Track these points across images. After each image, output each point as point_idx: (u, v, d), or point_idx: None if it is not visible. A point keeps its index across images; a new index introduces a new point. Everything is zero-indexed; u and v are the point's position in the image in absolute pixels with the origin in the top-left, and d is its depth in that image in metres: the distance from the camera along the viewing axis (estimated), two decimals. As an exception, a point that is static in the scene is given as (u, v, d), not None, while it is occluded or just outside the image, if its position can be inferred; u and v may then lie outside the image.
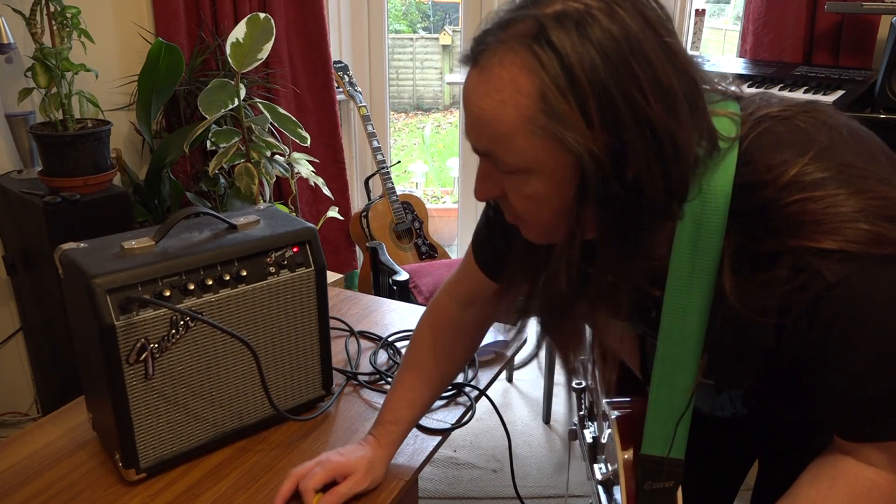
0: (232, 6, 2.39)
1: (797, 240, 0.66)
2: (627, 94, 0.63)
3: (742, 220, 0.70)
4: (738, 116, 0.73)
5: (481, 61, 0.68)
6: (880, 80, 1.97)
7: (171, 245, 1.01)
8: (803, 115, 0.73)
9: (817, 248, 0.65)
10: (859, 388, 0.70)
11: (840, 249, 0.65)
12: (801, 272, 0.66)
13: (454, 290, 1.08)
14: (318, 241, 1.11)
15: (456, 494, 2.07)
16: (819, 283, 0.66)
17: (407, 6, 7.05)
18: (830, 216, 0.65)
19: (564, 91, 0.64)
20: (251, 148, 2.19)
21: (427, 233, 2.92)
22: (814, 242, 0.65)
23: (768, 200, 0.68)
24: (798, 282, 0.66)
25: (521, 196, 0.72)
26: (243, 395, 1.08)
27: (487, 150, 0.71)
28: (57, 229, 1.77)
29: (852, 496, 0.75)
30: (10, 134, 1.98)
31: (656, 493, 0.85)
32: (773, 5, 2.22)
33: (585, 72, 0.63)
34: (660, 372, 0.79)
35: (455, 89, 6.65)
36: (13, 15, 1.81)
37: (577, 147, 0.64)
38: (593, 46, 0.63)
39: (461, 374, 1.27)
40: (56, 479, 1.01)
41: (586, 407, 1.19)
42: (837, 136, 0.71)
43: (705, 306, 0.74)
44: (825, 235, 0.65)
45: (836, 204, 0.66)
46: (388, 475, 1.02)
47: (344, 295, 1.60)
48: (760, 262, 0.69)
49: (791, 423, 0.99)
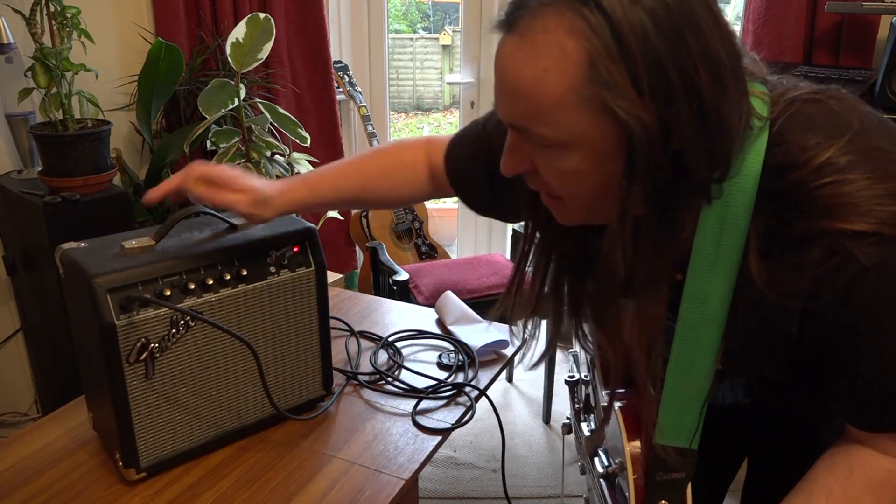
0: (232, 6, 2.39)
1: (830, 222, 0.64)
2: (679, 62, 0.60)
3: (772, 202, 0.68)
4: (768, 97, 0.71)
5: (520, 26, 0.63)
6: (880, 80, 1.98)
7: (171, 244, 1.01)
8: (834, 100, 0.71)
9: (851, 230, 0.64)
10: (886, 377, 0.69)
11: (874, 232, 0.63)
12: (835, 255, 0.65)
13: (430, 148, 1.05)
14: (319, 240, 1.11)
15: (456, 494, 2.07)
16: (853, 266, 0.64)
17: (407, 6, 7.05)
18: (864, 199, 0.64)
19: (615, 58, 0.60)
20: (251, 148, 2.19)
21: (427, 233, 2.92)
22: (847, 224, 0.64)
23: (801, 182, 0.66)
24: (831, 264, 0.65)
25: (555, 171, 0.69)
26: (243, 394, 1.08)
27: (524, 123, 0.67)
28: (57, 229, 1.77)
29: (870, 486, 0.74)
30: (10, 134, 1.98)
31: (668, 483, 0.83)
32: (773, 5, 2.22)
33: (637, 37, 0.59)
34: (677, 358, 0.76)
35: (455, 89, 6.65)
36: (13, 15, 1.81)
37: (627, 118, 0.61)
38: (645, 11, 0.59)
39: (462, 374, 1.27)
40: (56, 478, 1.01)
41: (582, 400, 1.18)
42: (868, 121, 0.70)
43: (728, 290, 0.72)
44: (859, 217, 0.63)
45: (869, 187, 0.64)
46: (388, 475, 1.03)
47: (344, 295, 1.60)
48: (792, 244, 0.67)
49: (788, 415, 0.98)
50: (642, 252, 0.69)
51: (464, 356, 1.32)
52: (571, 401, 1.26)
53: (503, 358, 1.33)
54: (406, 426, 1.14)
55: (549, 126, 0.65)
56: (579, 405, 1.19)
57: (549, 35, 0.62)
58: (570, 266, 0.85)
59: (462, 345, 1.35)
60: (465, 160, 1.01)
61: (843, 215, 0.64)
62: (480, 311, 1.46)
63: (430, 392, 1.22)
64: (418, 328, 1.42)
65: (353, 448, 1.08)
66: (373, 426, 1.14)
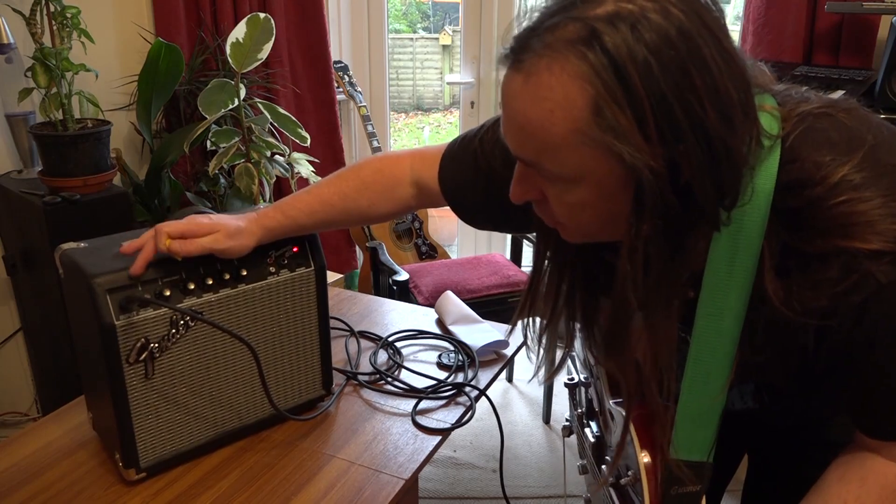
0: (232, 6, 2.39)
1: (847, 241, 0.64)
2: (685, 102, 0.60)
3: (787, 220, 0.68)
4: (778, 111, 0.70)
5: (526, 65, 0.63)
6: (880, 80, 1.97)
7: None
8: (844, 113, 0.71)
9: (868, 249, 0.64)
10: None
11: (891, 251, 0.63)
12: (852, 273, 0.65)
13: (416, 162, 1.03)
14: (319, 240, 1.11)
15: (456, 494, 2.07)
16: (871, 284, 0.64)
17: (407, 6, 7.04)
18: (880, 217, 0.64)
19: (620, 102, 0.60)
20: (251, 148, 2.19)
21: (427, 233, 2.92)
22: (865, 244, 0.64)
23: (817, 199, 0.66)
24: (848, 283, 0.65)
25: (562, 203, 0.69)
26: (243, 394, 1.08)
27: (531, 158, 0.67)
28: (57, 229, 1.77)
29: (883, 495, 0.74)
30: (10, 134, 1.98)
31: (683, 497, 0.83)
32: (773, 5, 2.22)
33: (641, 78, 0.59)
34: (692, 373, 0.76)
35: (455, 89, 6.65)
36: (13, 15, 1.81)
37: (634, 161, 0.61)
38: (649, 51, 0.59)
39: (462, 374, 1.27)
40: (56, 478, 1.01)
41: (584, 405, 1.18)
42: (880, 134, 0.70)
43: (742, 307, 0.72)
44: (877, 236, 0.63)
45: (885, 205, 0.64)
46: (387, 475, 1.03)
47: (344, 295, 1.60)
48: (808, 262, 0.67)
49: (794, 416, 0.98)
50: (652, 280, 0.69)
51: (464, 356, 1.32)
52: (571, 403, 1.26)
53: (503, 358, 1.33)
54: (406, 426, 1.14)
55: (555, 163, 0.65)
56: (581, 410, 1.19)
57: (553, 78, 0.62)
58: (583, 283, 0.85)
59: (462, 345, 1.35)
60: (462, 178, 0.99)
61: (860, 234, 0.64)
62: (480, 311, 1.46)
63: (430, 392, 1.22)
64: (418, 328, 1.42)
65: (353, 448, 1.08)
66: (373, 426, 1.14)
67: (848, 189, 0.65)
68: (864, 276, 0.64)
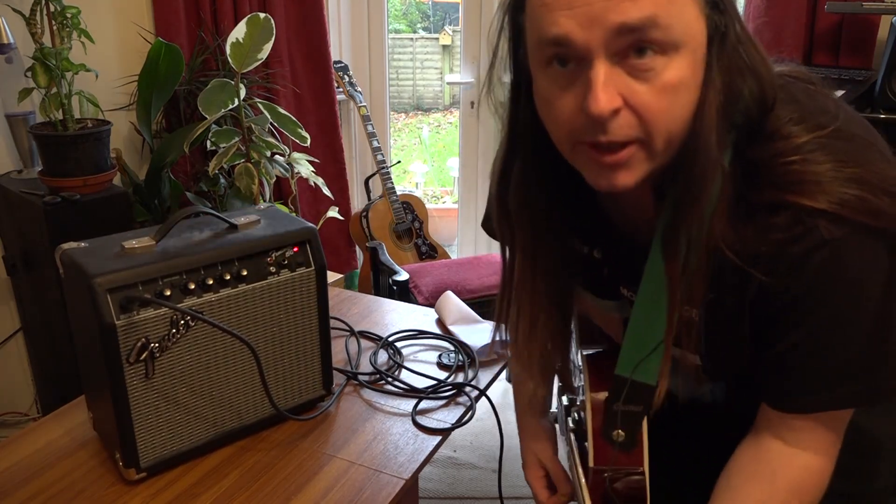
0: (232, 6, 2.39)
1: (796, 196, 0.67)
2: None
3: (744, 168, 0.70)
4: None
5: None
6: (880, 80, 1.98)
7: (171, 244, 1.01)
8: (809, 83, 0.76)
9: (815, 207, 0.66)
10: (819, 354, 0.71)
11: (835, 212, 0.66)
12: (798, 224, 0.67)
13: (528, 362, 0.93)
14: (319, 240, 1.11)
15: (456, 494, 2.07)
16: (815, 237, 0.67)
17: (407, 6, 7.04)
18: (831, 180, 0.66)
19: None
20: (251, 148, 2.19)
21: (427, 233, 2.92)
22: (813, 202, 0.66)
23: (778, 153, 0.69)
24: (793, 232, 0.67)
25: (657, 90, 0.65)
26: (243, 394, 1.08)
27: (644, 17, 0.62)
28: (57, 229, 1.77)
29: (792, 490, 0.76)
30: (10, 134, 1.98)
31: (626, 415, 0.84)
32: (773, 5, 2.22)
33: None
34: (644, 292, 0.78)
35: (455, 89, 6.64)
36: (13, 15, 1.81)
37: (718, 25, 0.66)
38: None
39: (462, 374, 1.27)
40: (56, 478, 1.01)
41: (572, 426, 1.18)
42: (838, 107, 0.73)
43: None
44: (823, 196, 0.66)
45: (839, 169, 0.67)
46: (388, 475, 1.03)
47: (344, 295, 1.60)
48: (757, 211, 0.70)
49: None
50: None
51: (464, 356, 1.32)
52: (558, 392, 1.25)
53: (503, 358, 1.33)
54: (406, 426, 1.14)
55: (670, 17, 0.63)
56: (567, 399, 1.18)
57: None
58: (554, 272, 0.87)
59: (462, 345, 1.35)
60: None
61: (810, 192, 0.67)
62: (480, 311, 1.47)
63: (430, 392, 1.22)
64: (418, 328, 1.43)
65: (353, 448, 1.08)
66: (373, 426, 1.14)
67: (807, 150, 0.68)
68: (809, 229, 0.67)
